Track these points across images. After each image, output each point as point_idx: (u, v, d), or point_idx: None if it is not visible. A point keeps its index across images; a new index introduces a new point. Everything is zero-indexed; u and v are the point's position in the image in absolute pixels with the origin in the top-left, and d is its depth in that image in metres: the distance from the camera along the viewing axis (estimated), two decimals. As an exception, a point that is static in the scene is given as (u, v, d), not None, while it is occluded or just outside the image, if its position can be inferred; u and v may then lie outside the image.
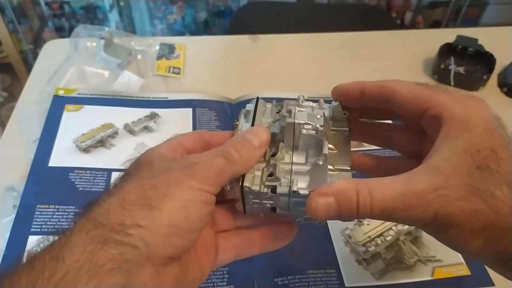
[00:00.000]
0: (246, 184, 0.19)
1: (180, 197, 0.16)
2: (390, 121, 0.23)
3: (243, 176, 0.19)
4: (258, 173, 0.19)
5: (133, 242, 0.15)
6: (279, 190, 0.18)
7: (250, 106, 0.22)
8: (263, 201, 0.19)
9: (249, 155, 0.19)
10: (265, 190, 0.19)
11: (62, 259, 0.15)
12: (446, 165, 0.16)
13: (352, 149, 0.21)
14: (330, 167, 0.20)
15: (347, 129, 0.21)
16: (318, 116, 0.20)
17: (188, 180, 0.17)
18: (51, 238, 0.16)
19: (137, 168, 0.18)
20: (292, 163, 0.19)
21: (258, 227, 0.21)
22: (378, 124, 0.23)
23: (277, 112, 0.21)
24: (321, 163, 0.19)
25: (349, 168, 0.20)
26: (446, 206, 0.15)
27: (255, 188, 0.19)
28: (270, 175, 0.19)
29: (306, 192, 0.18)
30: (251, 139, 0.19)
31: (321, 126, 0.20)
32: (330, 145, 0.20)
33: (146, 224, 0.15)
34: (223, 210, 0.21)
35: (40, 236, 0.29)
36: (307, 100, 0.22)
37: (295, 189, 0.18)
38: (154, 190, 0.16)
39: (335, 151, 0.21)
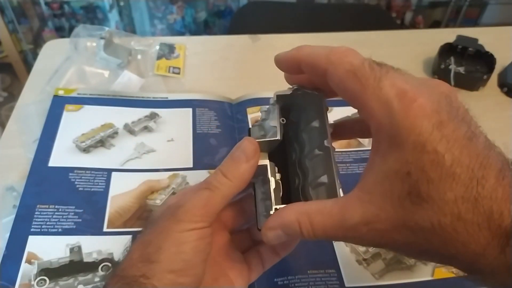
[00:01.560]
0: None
1: (173, 245, 0.18)
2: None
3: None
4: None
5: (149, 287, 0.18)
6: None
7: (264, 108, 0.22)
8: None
9: (239, 173, 0.19)
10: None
11: None
12: (377, 192, 0.15)
13: (350, 150, 0.21)
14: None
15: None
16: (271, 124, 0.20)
17: (175, 226, 0.18)
18: None
19: (146, 223, 0.21)
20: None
21: None
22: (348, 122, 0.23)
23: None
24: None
25: (325, 182, 0.20)
26: (379, 239, 0.16)
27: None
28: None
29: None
30: (238, 156, 0.19)
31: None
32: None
33: (151, 274, 0.18)
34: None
35: (40, 236, 0.29)
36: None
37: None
38: (151, 245, 0.19)
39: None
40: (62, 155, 0.35)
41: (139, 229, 0.30)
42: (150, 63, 0.46)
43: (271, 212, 0.19)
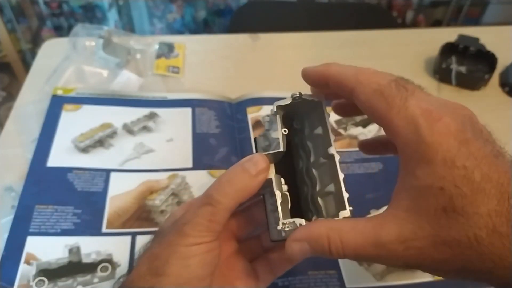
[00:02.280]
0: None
1: (180, 259, 0.18)
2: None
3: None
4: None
5: None
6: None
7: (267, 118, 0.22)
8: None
9: (245, 184, 0.19)
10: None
11: None
12: (413, 209, 0.15)
13: (351, 150, 0.21)
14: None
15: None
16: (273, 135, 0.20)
17: (182, 240, 0.19)
18: None
19: (153, 237, 0.21)
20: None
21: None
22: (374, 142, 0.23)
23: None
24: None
25: (333, 191, 0.19)
26: (416, 257, 0.16)
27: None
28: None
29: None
30: (248, 167, 0.19)
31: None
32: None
33: (160, 287, 0.18)
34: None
35: (38, 237, 0.29)
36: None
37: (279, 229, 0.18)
38: (159, 259, 0.19)
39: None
40: (61, 155, 0.34)
41: (138, 229, 0.30)
42: (149, 62, 0.45)
43: (278, 228, 0.18)
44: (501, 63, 0.45)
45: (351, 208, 0.19)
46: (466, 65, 0.46)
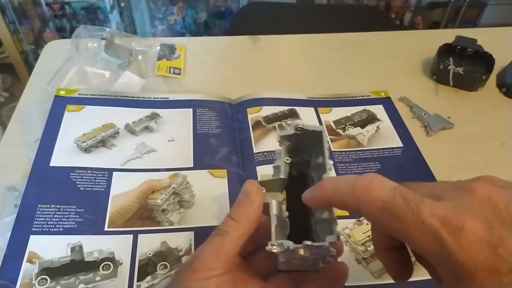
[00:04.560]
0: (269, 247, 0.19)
1: None
2: None
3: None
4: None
5: None
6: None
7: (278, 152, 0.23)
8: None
9: (245, 214, 0.20)
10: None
11: None
12: None
13: (349, 150, 0.22)
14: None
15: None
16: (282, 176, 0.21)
17: (192, 276, 0.19)
18: None
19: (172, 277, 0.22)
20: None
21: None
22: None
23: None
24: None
25: (327, 218, 0.19)
26: None
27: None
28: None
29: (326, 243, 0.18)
30: (242, 199, 0.20)
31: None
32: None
33: None
34: None
35: (41, 236, 0.29)
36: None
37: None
38: None
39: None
40: (63, 155, 0.35)
41: (140, 228, 0.30)
42: (151, 63, 0.46)
43: (267, 248, 0.18)
44: (498, 64, 0.46)
45: (338, 235, 0.18)
46: (464, 66, 0.46)
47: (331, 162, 0.21)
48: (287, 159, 0.22)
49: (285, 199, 0.22)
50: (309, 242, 0.18)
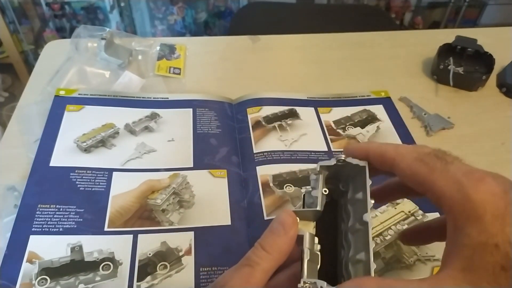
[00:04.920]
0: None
1: None
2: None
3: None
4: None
5: None
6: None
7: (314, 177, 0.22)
8: None
9: (278, 245, 0.19)
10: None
11: None
12: (469, 268, 0.15)
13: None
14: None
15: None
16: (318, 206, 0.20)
17: None
18: None
19: None
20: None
21: None
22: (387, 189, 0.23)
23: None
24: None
25: (363, 259, 0.19)
26: None
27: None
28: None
29: None
30: (276, 228, 0.19)
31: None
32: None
33: None
34: None
35: (41, 236, 0.29)
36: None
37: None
38: None
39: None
40: (63, 155, 0.35)
41: (140, 228, 0.30)
42: (151, 63, 0.46)
43: (299, 286, 0.18)
44: (499, 64, 0.46)
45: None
46: (464, 66, 0.46)
47: (373, 202, 0.20)
48: (325, 191, 0.21)
49: (315, 227, 0.21)
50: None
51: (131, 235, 0.30)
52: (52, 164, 0.34)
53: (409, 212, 0.32)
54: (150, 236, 0.30)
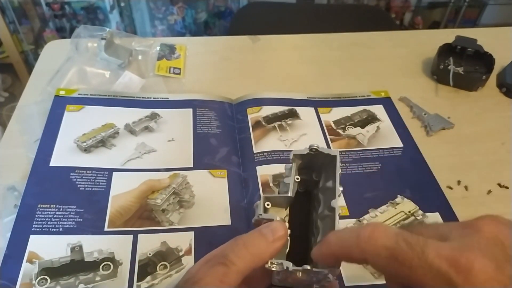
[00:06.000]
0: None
1: None
2: None
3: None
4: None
5: None
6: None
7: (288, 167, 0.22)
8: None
9: (261, 250, 0.19)
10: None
11: None
12: None
13: (349, 150, 0.21)
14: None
15: None
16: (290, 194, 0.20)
17: None
18: None
19: None
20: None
21: None
22: None
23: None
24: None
25: None
26: None
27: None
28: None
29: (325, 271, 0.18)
30: (265, 233, 0.19)
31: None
32: None
33: None
34: None
35: (41, 236, 0.29)
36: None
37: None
38: None
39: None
40: (63, 155, 0.35)
41: (140, 228, 0.30)
42: (151, 63, 0.46)
43: (266, 265, 0.18)
44: (499, 64, 0.46)
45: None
46: (464, 66, 0.46)
47: (341, 189, 0.20)
48: (297, 178, 0.21)
49: (288, 215, 0.22)
50: (308, 267, 0.18)
51: (131, 235, 0.30)
52: (52, 164, 0.34)
53: (409, 212, 0.32)
54: (150, 236, 0.30)
